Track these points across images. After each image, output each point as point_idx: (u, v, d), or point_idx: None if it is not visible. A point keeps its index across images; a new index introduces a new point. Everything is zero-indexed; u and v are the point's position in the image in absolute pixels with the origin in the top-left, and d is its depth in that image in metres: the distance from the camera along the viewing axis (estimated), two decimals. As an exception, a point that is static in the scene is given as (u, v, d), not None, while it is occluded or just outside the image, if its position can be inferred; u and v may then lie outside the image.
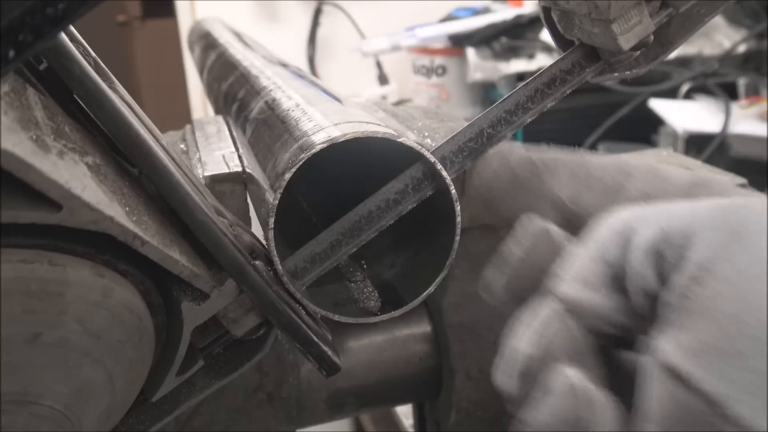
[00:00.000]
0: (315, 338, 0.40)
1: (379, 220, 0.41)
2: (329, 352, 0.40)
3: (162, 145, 0.35)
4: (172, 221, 0.36)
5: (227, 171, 0.46)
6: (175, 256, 0.34)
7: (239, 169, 0.46)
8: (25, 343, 0.30)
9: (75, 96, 0.33)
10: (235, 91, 0.58)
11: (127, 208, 0.32)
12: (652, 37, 0.43)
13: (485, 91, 1.64)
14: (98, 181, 0.31)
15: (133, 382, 0.37)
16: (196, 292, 0.37)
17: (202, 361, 0.40)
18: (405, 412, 0.99)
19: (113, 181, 0.33)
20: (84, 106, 0.33)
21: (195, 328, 0.38)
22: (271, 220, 0.38)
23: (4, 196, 0.27)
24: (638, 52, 0.44)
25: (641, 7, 0.42)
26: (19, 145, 0.26)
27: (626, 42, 0.42)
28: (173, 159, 0.36)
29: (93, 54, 0.36)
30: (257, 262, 0.38)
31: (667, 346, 0.26)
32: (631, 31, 0.42)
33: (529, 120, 0.45)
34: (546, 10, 0.47)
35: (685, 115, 1.43)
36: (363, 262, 0.50)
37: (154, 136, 0.35)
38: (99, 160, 0.32)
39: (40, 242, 0.30)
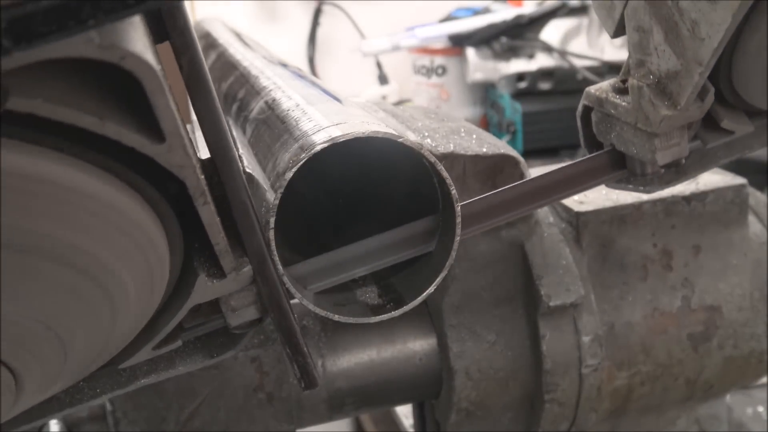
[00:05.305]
0: (305, 348, 0.40)
1: (387, 257, 0.43)
2: (313, 366, 0.40)
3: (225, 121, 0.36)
4: None
5: (227, 171, 0.46)
6: (219, 226, 0.34)
7: (239, 168, 0.46)
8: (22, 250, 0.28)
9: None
10: (235, 91, 0.58)
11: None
12: (684, 161, 0.45)
13: (485, 91, 1.64)
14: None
15: (134, 324, 0.37)
16: (214, 269, 0.37)
17: (180, 341, 0.40)
18: (405, 412, 0.99)
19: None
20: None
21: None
22: (272, 220, 0.38)
23: (118, 112, 0.27)
24: (663, 170, 0.45)
25: (684, 131, 0.43)
26: (153, 65, 0.26)
27: (662, 158, 0.43)
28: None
29: None
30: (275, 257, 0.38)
31: None
32: (669, 149, 0.43)
33: (540, 208, 0.46)
34: (586, 110, 0.48)
35: (685, 115, 1.43)
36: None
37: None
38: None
39: (100, 160, 0.29)
